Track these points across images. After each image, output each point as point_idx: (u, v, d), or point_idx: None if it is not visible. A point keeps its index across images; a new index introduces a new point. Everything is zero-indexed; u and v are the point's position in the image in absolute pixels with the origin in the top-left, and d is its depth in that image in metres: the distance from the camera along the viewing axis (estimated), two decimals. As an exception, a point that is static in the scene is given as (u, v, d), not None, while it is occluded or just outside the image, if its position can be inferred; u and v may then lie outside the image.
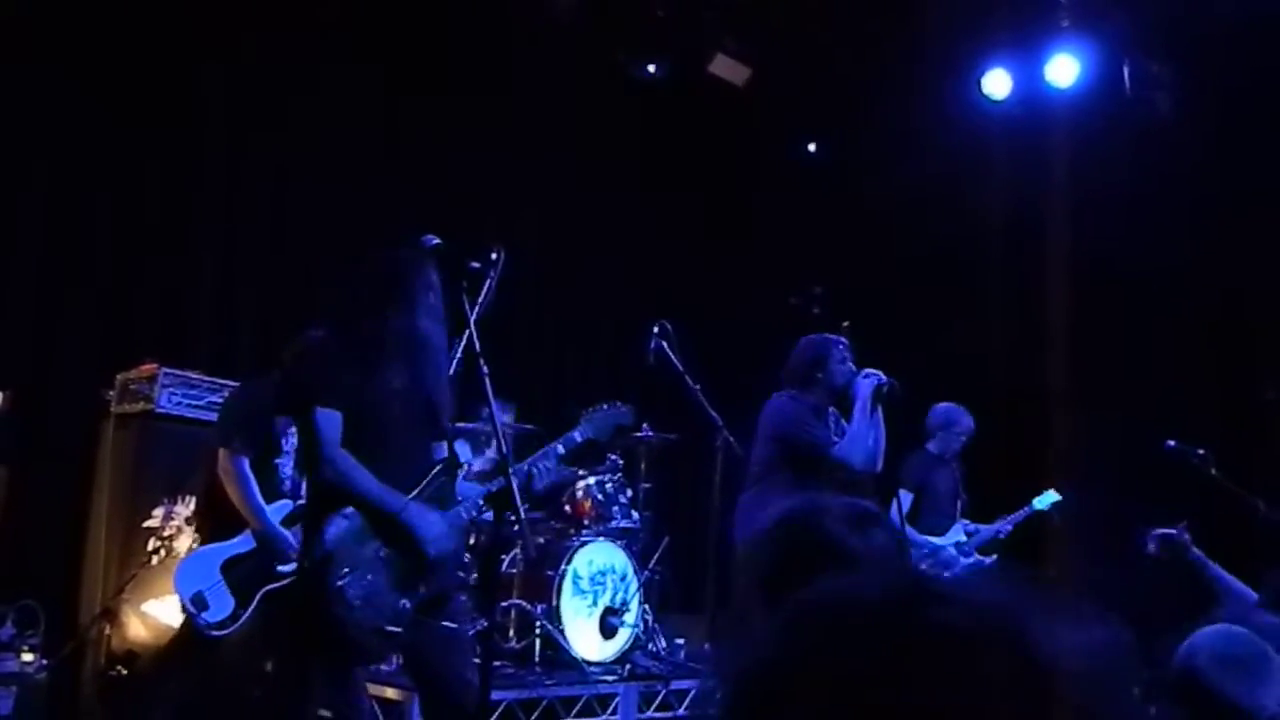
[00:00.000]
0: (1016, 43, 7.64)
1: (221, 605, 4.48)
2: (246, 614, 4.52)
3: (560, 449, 3.93)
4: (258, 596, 4.57)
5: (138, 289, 6.18)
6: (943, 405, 6.56)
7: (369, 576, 3.39)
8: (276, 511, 4.68)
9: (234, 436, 4.64)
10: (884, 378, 5.04)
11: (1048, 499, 6.35)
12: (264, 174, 6.57)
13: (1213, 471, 5.50)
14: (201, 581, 4.48)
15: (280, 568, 4.62)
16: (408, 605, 3.46)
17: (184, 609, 4.48)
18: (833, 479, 4.79)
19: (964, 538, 6.28)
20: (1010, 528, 6.33)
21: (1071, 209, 7.17)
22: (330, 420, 3.39)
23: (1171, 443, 5.62)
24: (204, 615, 4.44)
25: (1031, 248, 7.29)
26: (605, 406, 4.16)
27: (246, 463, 4.61)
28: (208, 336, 6.35)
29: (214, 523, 4.69)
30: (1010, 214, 7.71)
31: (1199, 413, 6.59)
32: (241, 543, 4.63)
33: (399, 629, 3.43)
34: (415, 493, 3.55)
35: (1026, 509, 6.34)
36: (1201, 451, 5.54)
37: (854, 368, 5.11)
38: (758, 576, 1.73)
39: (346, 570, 3.36)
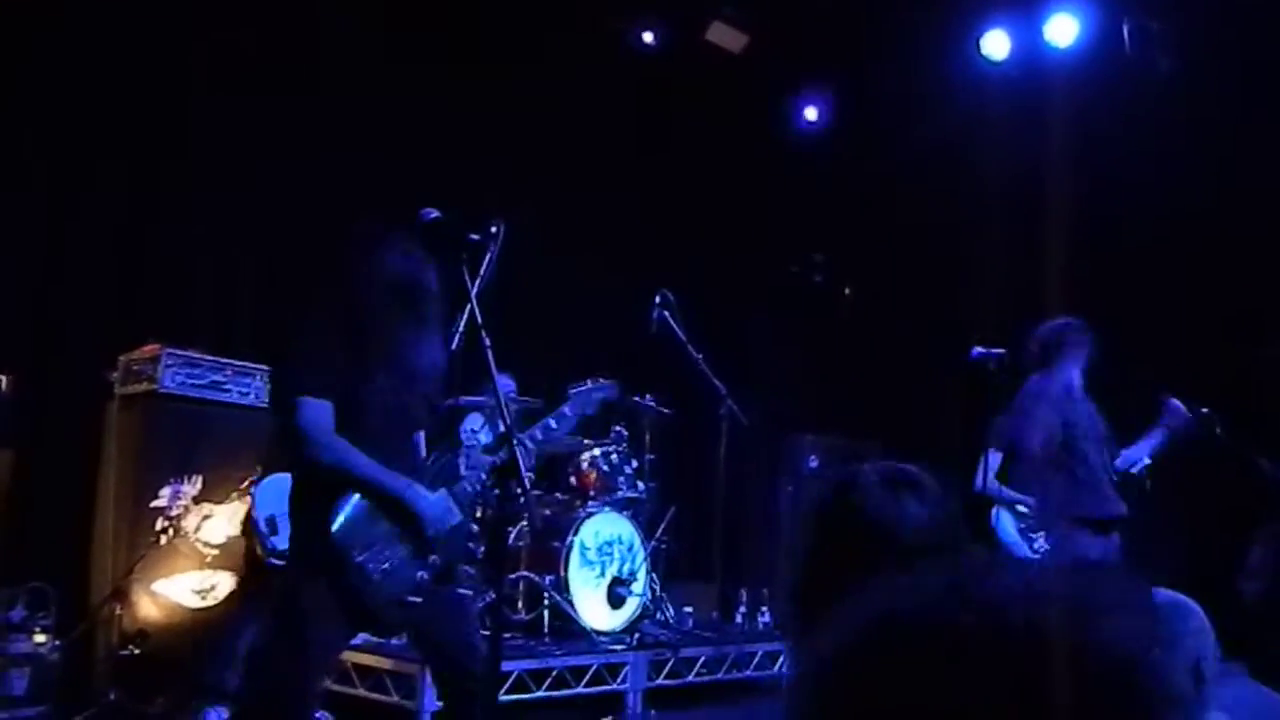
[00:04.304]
0: (1015, 3, 7.58)
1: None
2: None
3: (552, 423, 4.05)
4: None
5: (138, 269, 6.17)
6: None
7: (386, 552, 3.46)
8: None
9: None
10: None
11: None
12: (264, 149, 6.54)
13: (1217, 431, 5.50)
14: (277, 506, 4.52)
15: None
16: (425, 576, 3.53)
17: (257, 529, 4.50)
18: None
19: None
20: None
21: (1072, 169, 7.14)
22: (321, 409, 3.40)
23: (1174, 401, 5.61)
24: (273, 540, 4.49)
25: (1033, 208, 7.26)
26: (590, 383, 4.32)
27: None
28: (209, 316, 6.34)
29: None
30: (1011, 175, 7.68)
31: (1202, 371, 6.58)
32: None
33: (419, 599, 3.51)
34: (429, 469, 3.64)
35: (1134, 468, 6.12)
36: (1205, 410, 5.53)
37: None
38: (797, 558, 1.72)
39: (365, 546, 3.42)
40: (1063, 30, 7.36)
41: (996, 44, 7.68)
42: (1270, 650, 2.85)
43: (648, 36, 7.97)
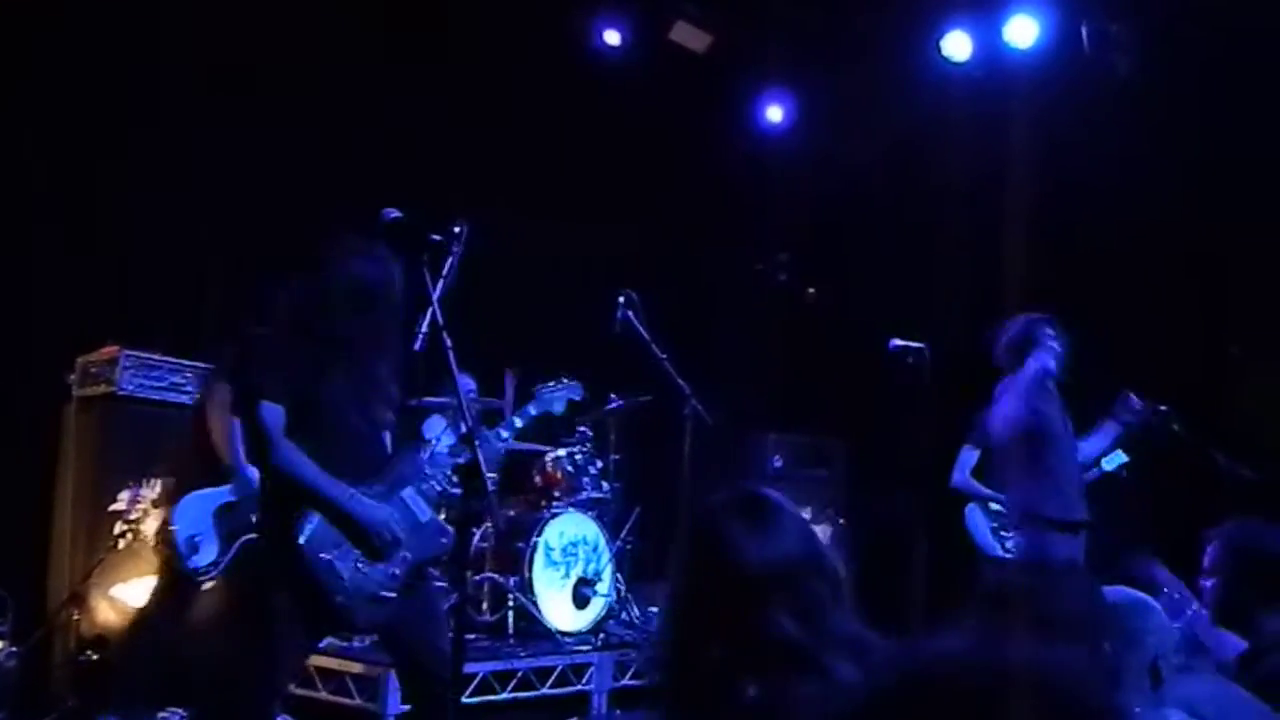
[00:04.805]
0: (976, 4, 7.64)
1: (209, 550, 4.52)
2: (225, 560, 4.59)
3: (517, 422, 4.15)
4: (236, 546, 4.61)
5: (95, 270, 6.09)
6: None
7: (358, 549, 3.47)
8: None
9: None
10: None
11: (1116, 460, 5.97)
12: (226, 149, 6.47)
13: (1175, 428, 5.56)
14: (196, 525, 4.53)
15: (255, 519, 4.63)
16: (398, 573, 3.55)
17: (178, 550, 4.48)
18: None
19: None
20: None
21: (1034, 168, 7.20)
22: (274, 414, 3.42)
23: (1135, 399, 5.67)
24: (194, 559, 4.49)
25: (995, 207, 7.31)
26: (554, 383, 4.39)
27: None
28: (168, 317, 6.27)
29: (205, 471, 4.63)
30: (973, 174, 7.73)
31: (1163, 370, 6.65)
32: (233, 490, 4.66)
33: (393, 594, 3.52)
34: (395, 466, 3.65)
35: (1095, 471, 5.95)
36: (1164, 408, 5.60)
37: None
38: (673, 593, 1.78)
39: (335, 544, 3.43)
40: (1023, 31, 7.42)
41: (957, 45, 7.73)
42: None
43: (611, 36, 7.96)
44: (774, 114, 8.81)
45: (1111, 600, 2.47)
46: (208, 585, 4.69)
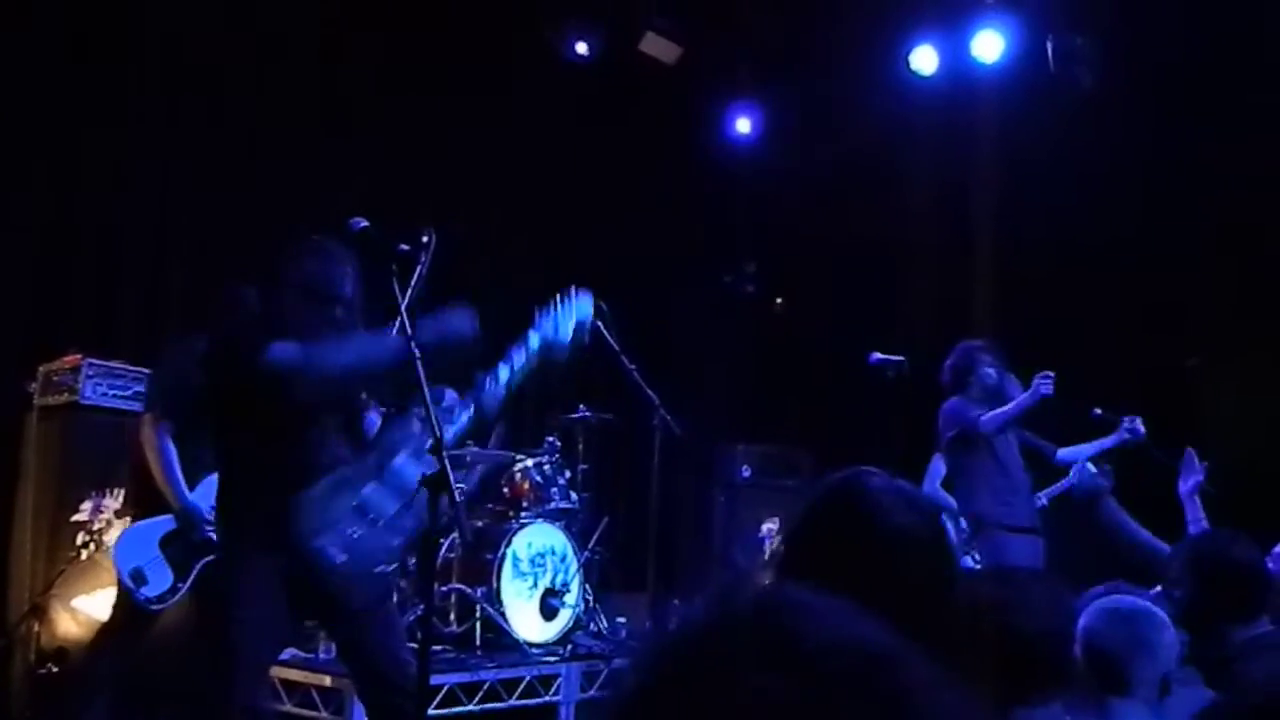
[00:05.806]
0: (943, 19, 7.71)
1: (160, 579, 4.48)
2: (185, 586, 4.53)
3: (517, 360, 3.78)
4: (196, 568, 4.56)
5: (60, 278, 6.03)
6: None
7: (349, 530, 3.38)
8: (210, 485, 4.60)
9: (156, 403, 4.55)
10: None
11: (1090, 470, 5.84)
12: (192, 158, 6.43)
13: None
14: (140, 557, 4.48)
15: (214, 537, 4.58)
16: (398, 544, 3.48)
17: (122, 585, 4.43)
18: None
19: None
20: (1046, 501, 5.99)
21: (1000, 180, 7.27)
22: (285, 349, 3.27)
23: (1098, 411, 5.73)
24: (143, 590, 4.44)
25: (959, 220, 7.38)
26: (561, 300, 3.83)
27: (167, 431, 4.52)
28: (132, 326, 6.21)
29: (148, 498, 4.59)
30: (941, 186, 7.79)
31: (1124, 380, 6.72)
32: (176, 519, 4.61)
33: (391, 567, 3.45)
34: (372, 443, 3.60)
35: (1065, 482, 5.94)
36: (1132, 418, 5.66)
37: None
38: (789, 548, 1.74)
39: (319, 532, 3.33)
40: (989, 46, 7.51)
41: (925, 59, 7.81)
42: (1198, 652, 2.91)
43: (581, 47, 7.97)
44: (743, 125, 8.85)
45: (1130, 609, 2.48)
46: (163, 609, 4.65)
